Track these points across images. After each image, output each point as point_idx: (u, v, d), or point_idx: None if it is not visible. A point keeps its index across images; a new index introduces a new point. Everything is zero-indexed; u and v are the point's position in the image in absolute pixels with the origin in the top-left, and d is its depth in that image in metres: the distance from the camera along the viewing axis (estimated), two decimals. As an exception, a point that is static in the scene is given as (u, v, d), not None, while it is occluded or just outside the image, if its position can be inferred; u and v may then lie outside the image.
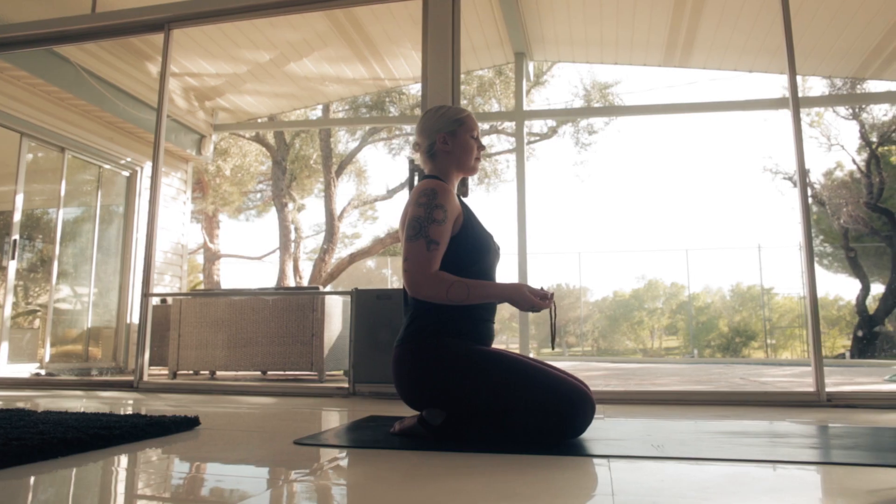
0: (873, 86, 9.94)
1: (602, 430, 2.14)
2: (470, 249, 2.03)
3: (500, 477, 1.45)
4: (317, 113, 10.38)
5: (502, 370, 1.91)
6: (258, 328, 5.21)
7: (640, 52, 6.43)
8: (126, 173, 6.45)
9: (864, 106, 11.07)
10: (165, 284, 6.68)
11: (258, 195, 13.66)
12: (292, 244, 10.51)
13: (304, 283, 10.75)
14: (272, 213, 13.30)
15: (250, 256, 13.00)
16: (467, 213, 2.08)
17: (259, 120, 8.13)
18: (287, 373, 5.62)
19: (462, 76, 10.93)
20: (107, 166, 6.25)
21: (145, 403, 3.00)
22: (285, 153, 10.63)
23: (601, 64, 7.06)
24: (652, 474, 1.49)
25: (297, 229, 10.89)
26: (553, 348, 2.09)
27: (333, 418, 2.66)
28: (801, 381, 5.49)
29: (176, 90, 6.45)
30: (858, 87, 9.80)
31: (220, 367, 5.30)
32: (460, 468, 1.54)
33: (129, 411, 2.64)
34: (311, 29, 5.85)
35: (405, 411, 2.76)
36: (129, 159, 6.33)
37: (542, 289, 2.00)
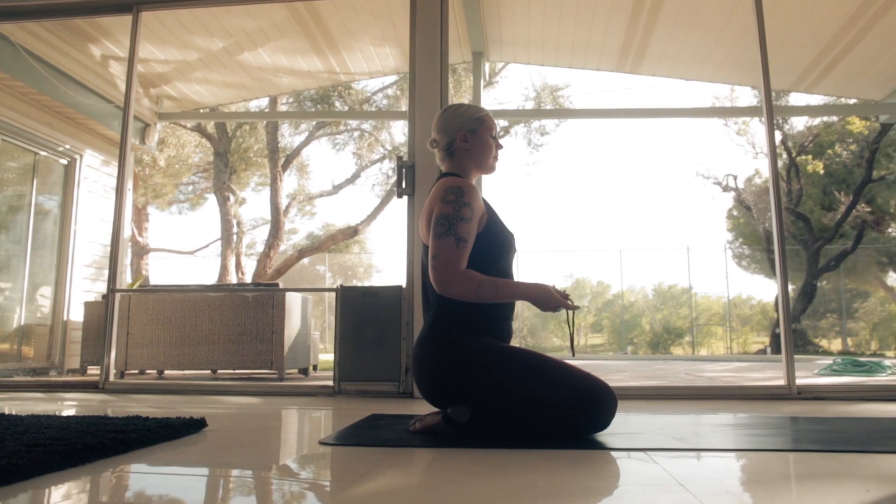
0: (796, 98, 10.62)
1: (614, 425, 2.20)
2: (493, 247, 2.05)
3: (559, 472, 1.47)
4: (259, 104, 10.09)
5: (529, 367, 1.93)
6: (213, 325, 5.03)
7: (595, 56, 6.61)
8: (64, 161, 6.07)
9: (786, 118, 11.81)
10: (105, 279, 6.34)
11: (190, 188, 13.14)
12: (234, 238, 10.17)
13: (247, 279, 10.43)
14: (206, 207, 12.84)
15: (182, 251, 12.49)
16: (491, 212, 2.09)
17: (202, 110, 7.81)
18: (240, 371, 5.46)
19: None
20: (43, 153, 5.87)
21: (124, 406, 2.84)
22: (227, 145, 10.27)
23: (555, 67, 7.21)
24: (700, 465, 1.55)
25: (239, 224, 10.55)
26: (573, 354, 2.14)
27: (333, 417, 2.61)
28: (741, 375, 5.81)
29: (120, 75, 6.12)
30: (783, 99, 10.43)
31: (173, 365, 5.09)
32: (511, 464, 1.55)
33: (115, 414, 2.49)
34: (268, 18, 5.69)
35: (400, 409, 2.75)
36: (67, 146, 5.96)
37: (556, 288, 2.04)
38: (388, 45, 6.61)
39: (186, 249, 12.47)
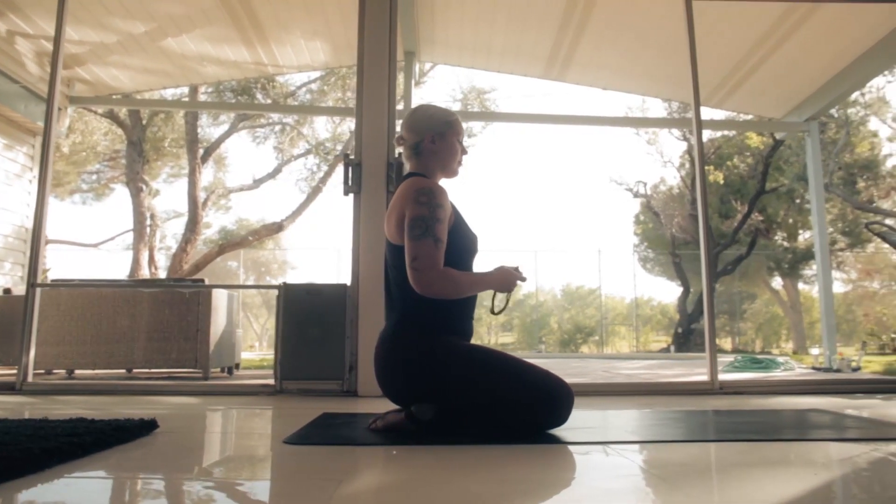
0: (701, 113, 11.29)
1: (568, 421, 2.28)
2: (460, 248, 2.09)
3: (534, 466, 1.53)
4: (175, 92, 9.61)
5: (492, 365, 1.99)
6: (134, 322, 4.80)
7: (524, 62, 6.79)
8: (-39, 144, 5.59)
9: (690, 131, 12.57)
10: (6, 273, 5.90)
11: (94, 177, 12.36)
12: (147, 231, 9.63)
13: (161, 274, 9.92)
14: (112, 197, 12.11)
15: (84, 243, 11.71)
16: (457, 213, 2.14)
17: (115, 96, 7.38)
18: (159, 370, 5.22)
19: (344, 70, 10.74)
20: (-64, 134, 5.38)
21: (52, 409, 2.67)
22: (142, 133, 9.72)
23: (485, 70, 7.35)
24: (660, 455, 1.66)
25: (153, 216, 10.01)
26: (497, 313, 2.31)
27: (282, 416, 2.57)
28: (655, 372, 6.14)
29: (27, 54, 5.70)
30: (689, 112, 11.07)
31: (85, 365, 4.81)
32: (484, 460, 1.60)
33: (46, 417, 2.34)
34: (196, 4, 5.47)
35: (347, 408, 2.75)
36: (-35, 128, 5.49)
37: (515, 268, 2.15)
38: (318, 40, 6.51)
39: (89, 242, 11.72)
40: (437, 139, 2.14)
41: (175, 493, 1.31)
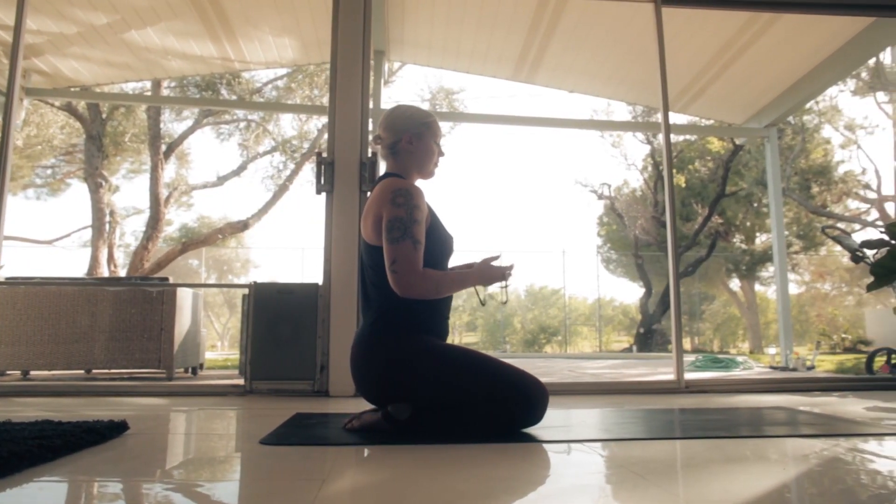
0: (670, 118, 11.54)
1: (542, 420, 2.31)
2: (436, 248, 2.10)
3: (515, 464, 1.55)
4: (136, 86, 9.39)
5: (468, 365, 2.01)
6: (95, 321, 4.68)
7: (493, 64, 6.83)
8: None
9: (654, 134, 12.82)
10: (-42, 270, 5.68)
11: (49, 171, 11.98)
12: (107, 228, 9.36)
13: (121, 272, 9.65)
14: (68, 193, 11.75)
15: (37, 240, 11.34)
16: (433, 214, 2.14)
17: (74, 88, 7.18)
18: (119, 371, 5.10)
19: (312, 67, 10.63)
20: None
21: (14, 411, 2.59)
22: (101, 127, 9.44)
23: (453, 71, 7.37)
24: (634, 452, 1.69)
25: (112, 213, 9.73)
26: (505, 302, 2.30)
27: (255, 417, 2.54)
28: (620, 372, 6.24)
29: (-18, 43, 5.51)
30: (653, 116, 11.29)
31: (42, 365, 4.67)
32: (465, 459, 1.61)
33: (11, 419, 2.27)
34: (162, -4, 5.36)
35: (319, 408, 2.74)
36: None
37: (496, 258, 2.17)
38: (287, 37, 6.45)
39: (44, 238, 11.35)
40: (414, 140, 2.15)
41: (155, 498, 1.28)
